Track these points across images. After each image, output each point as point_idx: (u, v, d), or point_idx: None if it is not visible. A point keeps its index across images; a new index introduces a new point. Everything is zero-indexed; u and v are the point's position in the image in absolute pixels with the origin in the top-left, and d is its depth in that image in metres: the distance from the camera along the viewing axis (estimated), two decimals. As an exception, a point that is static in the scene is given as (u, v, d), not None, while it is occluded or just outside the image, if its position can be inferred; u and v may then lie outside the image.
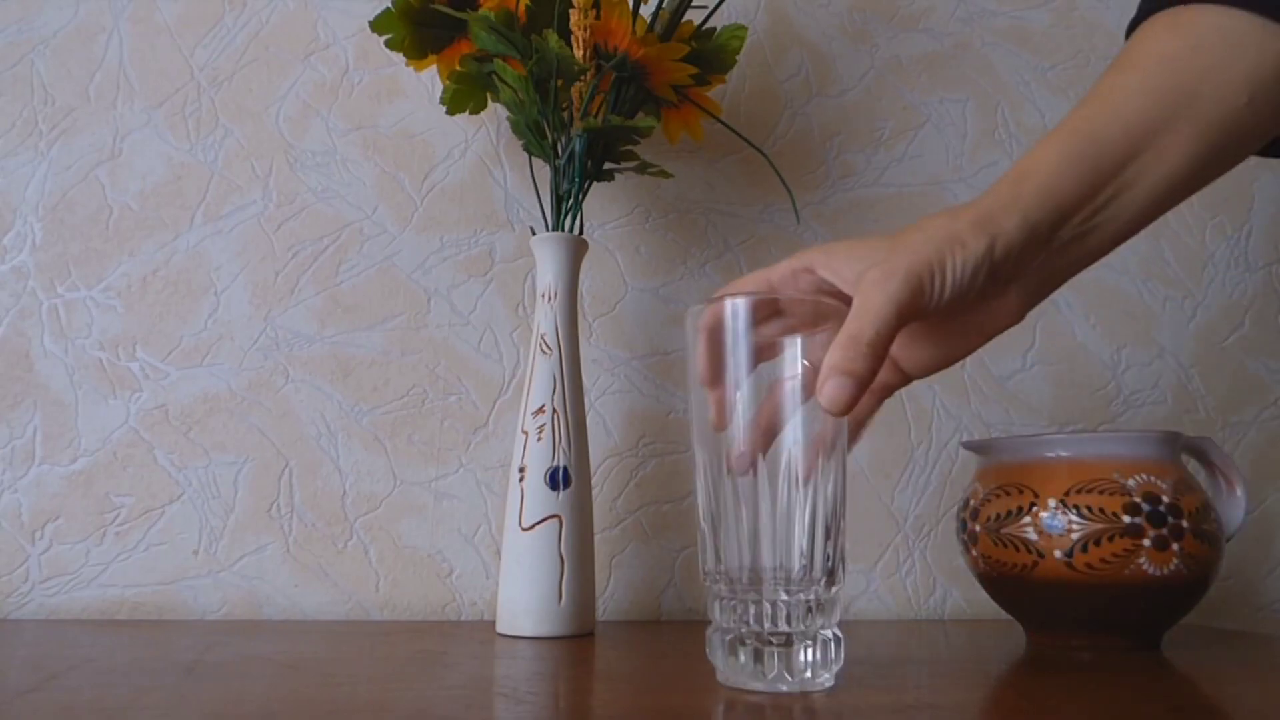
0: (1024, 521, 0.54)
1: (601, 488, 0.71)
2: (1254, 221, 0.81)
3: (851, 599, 0.72)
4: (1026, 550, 0.53)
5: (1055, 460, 0.55)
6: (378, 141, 0.73)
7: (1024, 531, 0.54)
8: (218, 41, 0.73)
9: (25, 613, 0.65)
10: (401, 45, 0.63)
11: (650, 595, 0.70)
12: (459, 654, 0.51)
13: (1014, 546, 0.54)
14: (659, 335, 0.73)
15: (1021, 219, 0.41)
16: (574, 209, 0.62)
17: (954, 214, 0.42)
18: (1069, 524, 0.52)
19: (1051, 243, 0.43)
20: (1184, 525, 0.52)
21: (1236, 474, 0.57)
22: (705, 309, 0.41)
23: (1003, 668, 0.50)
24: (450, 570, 0.69)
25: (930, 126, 0.79)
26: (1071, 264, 0.45)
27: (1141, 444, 0.55)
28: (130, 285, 0.70)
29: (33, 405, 0.68)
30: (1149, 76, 0.44)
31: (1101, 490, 0.52)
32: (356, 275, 0.71)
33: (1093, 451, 0.54)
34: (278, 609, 0.67)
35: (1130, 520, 0.51)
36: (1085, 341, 0.78)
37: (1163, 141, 0.43)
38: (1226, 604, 0.75)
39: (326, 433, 0.69)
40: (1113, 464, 0.53)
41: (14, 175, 0.70)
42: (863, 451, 0.74)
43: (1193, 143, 0.43)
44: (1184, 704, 0.41)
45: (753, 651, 0.39)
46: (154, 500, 0.67)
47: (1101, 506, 0.52)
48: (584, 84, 0.61)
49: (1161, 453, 0.55)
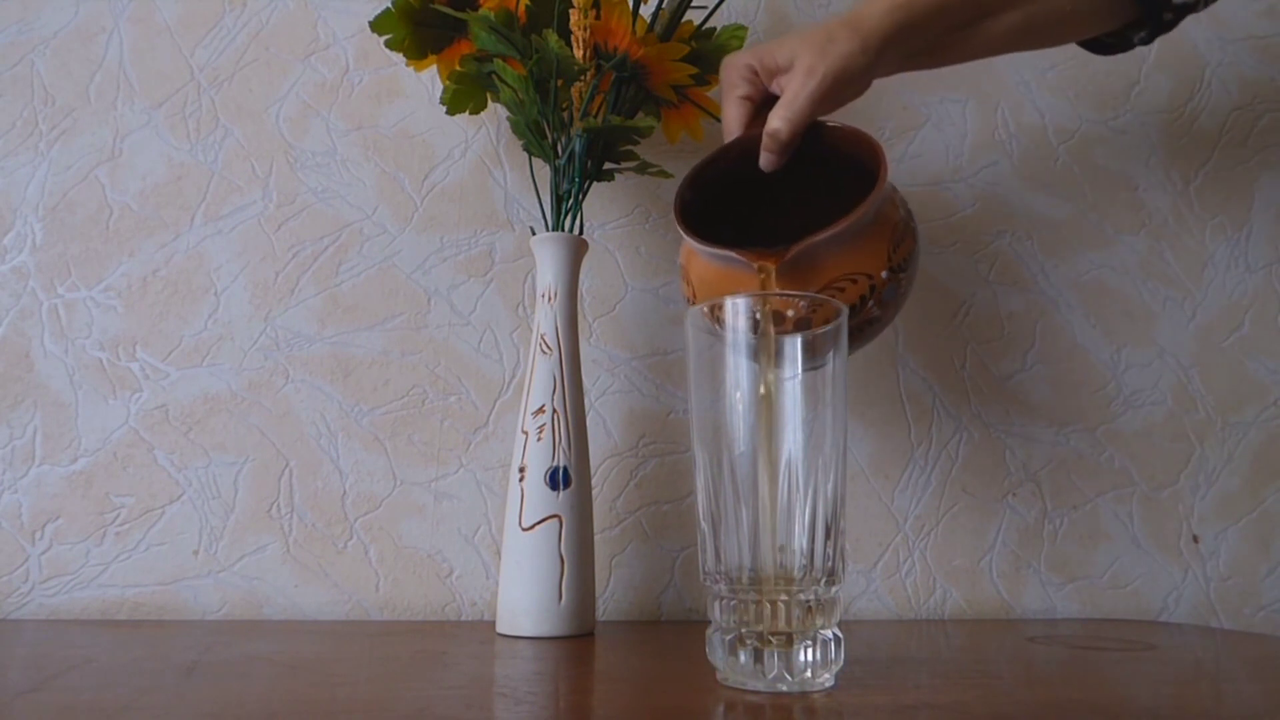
0: None
1: (601, 488, 0.71)
2: (1254, 222, 0.81)
3: (851, 599, 0.72)
4: None
5: None
6: (378, 141, 0.73)
7: None
8: (218, 41, 0.74)
9: (25, 613, 0.65)
10: (401, 45, 0.63)
11: (650, 595, 0.70)
12: (459, 654, 0.51)
13: None
14: (659, 335, 0.73)
15: (883, 40, 0.52)
16: (574, 209, 0.62)
17: (844, 21, 0.53)
18: None
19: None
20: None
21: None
22: (705, 309, 0.41)
23: (1003, 668, 0.50)
24: (450, 570, 0.69)
25: (930, 126, 0.79)
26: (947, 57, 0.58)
27: None
28: (130, 285, 0.70)
29: (33, 405, 0.68)
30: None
31: None
32: (356, 275, 0.71)
33: None
34: (278, 609, 0.67)
35: None
36: (1085, 341, 0.78)
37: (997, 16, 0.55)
38: (1226, 604, 0.75)
39: (326, 433, 0.69)
40: None
41: (14, 175, 0.70)
42: (863, 451, 0.74)
43: (1022, 19, 0.55)
44: (1184, 704, 0.41)
45: (753, 651, 0.39)
46: (154, 500, 0.67)
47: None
48: (584, 84, 0.61)
49: None
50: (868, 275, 0.49)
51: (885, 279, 0.50)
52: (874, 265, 0.50)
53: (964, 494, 0.74)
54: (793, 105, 0.51)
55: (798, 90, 0.51)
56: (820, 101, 0.51)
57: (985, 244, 0.78)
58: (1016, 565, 0.74)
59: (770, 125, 0.52)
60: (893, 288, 0.51)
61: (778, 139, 0.52)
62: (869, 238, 0.49)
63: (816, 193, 0.55)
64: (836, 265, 0.49)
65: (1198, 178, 0.81)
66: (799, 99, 0.51)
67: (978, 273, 0.78)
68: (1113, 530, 0.75)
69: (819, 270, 0.49)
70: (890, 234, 0.50)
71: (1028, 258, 0.78)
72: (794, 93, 0.51)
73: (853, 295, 0.49)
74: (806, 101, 0.51)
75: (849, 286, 0.49)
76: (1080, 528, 0.75)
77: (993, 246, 0.78)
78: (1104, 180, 0.80)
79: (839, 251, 0.49)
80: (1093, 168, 0.80)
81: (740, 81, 0.55)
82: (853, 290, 0.49)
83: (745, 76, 0.55)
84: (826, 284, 0.49)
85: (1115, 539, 0.75)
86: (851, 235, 0.48)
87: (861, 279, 0.49)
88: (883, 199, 0.50)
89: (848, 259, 0.49)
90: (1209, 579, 0.76)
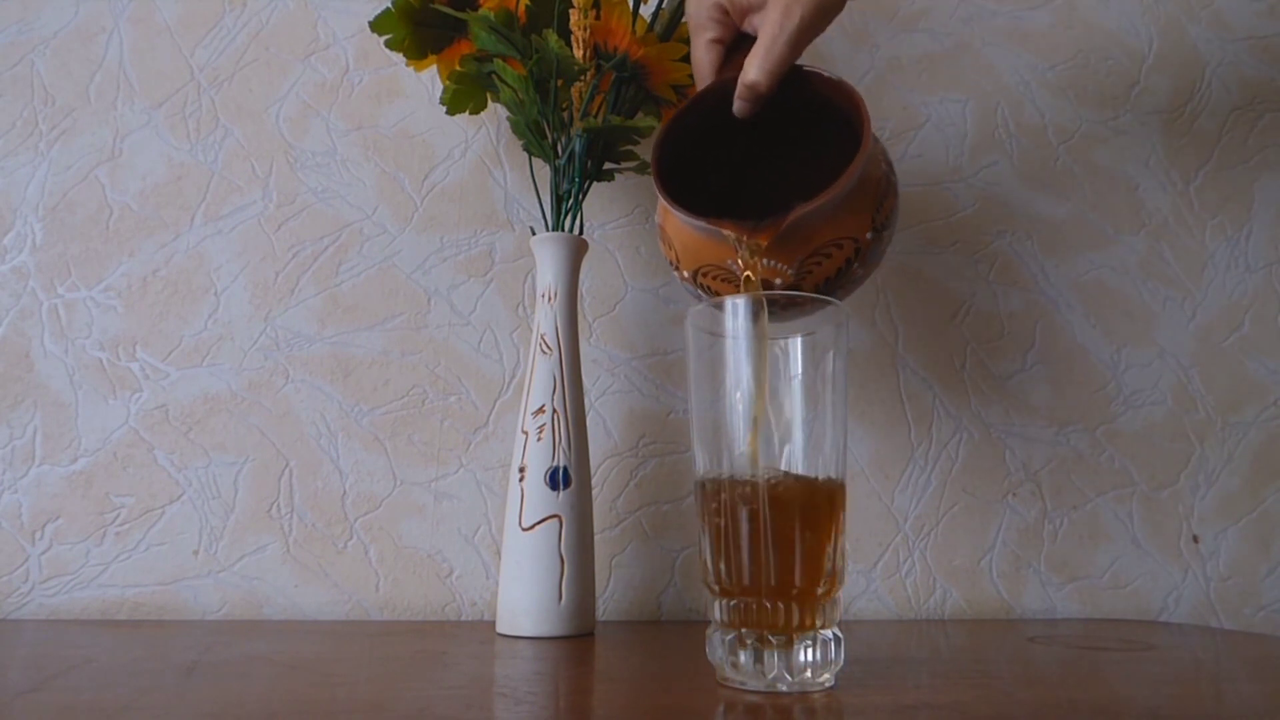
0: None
1: (601, 488, 0.71)
2: (1254, 222, 0.81)
3: (851, 599, 0.72)
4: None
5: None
6: (378, 141, 0.73)
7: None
8: (218, 41, 0.74)
9: (25, 613, 0.65)
10: (401, 45, 0.63)
11: (650, 595, 0.70)
12: (459, 654, 0.51)
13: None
14: (659, 335, 0.73)
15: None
16: (574, 209, 0.62)
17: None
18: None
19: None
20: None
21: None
22: (705, 309, 0.41)
23: (1003, 668, 0.50)
24: (450, 570, 0.69)
25: (930, 126, 0.79)
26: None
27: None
28: (130, 285, 0.70)
29: (33, 405, 0.68)
30: None
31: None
32: (356, 275, 0.71)
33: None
34: (278, 609, 0.67)
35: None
36: (1085, 341, 0.78)
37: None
38: (1226, 604, 0.75)
39: (326, 433, 0.69)
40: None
41: (14, 175, 0.70)
42: (863, 451, 0.74)
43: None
44: (1184, 704, 0.41)
45: (753, 651, 0.39)
46: (154, 500, 0.67)
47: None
48: (584, 84, 0.61)
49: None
50: (853, 239, 0.48)
51: (870, 240, 0.49)
52: (859, 228, 0.48)
53: (964, 494, 0.74)
54: (770, 54, 0.48)
55: (775, 34, 0.47)
56: (800, 45, 0.48)
57: (985, 244, 0.78)
58: (1016, 565, 0.74)
59: (747, 77, 0.48)
60: (876, 247, 0.49)
61: (756, 91, 0.49)
62: (854, 201, 0.48)
63: (794, 134, 0.54)
64: (822, 233, 0.48)
65: (1198, 178, 0.81)
66: (777, 45, 0.47)
67: (978, 273, 0.78)
68: (1113, 530, 0.75)
69: (806, 239, 0.48)
70: (874, 194, 0.49)
71: (1028, 258, 0.78)
72: (771, 38, 0.47)
73: (838, 260, 0.48)
74: (785, 47, 0.47)
75: (835, 252, 0.48)
76: (1080, 528, 0.75)
77: (993, 246, 0.78)
78: (1104, 180, 0.80)
79: (825, 219, 0.47)
80: (1093, 168, 0.80)
81: (709, 23, 0.51)
82: (839, 255, 0.48)
83: (714, 17, 0.51)
84: (814, 250, 0.48)
85: (1115, 539, 0.75)
86: (837, 202, 0.47)
87: (847, 243, 0.48)
88: (867, 159, 0.48)
89: (834, 225, 0.48)
90: (1209, 579, 0.76)
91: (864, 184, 0.48)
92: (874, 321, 0.76)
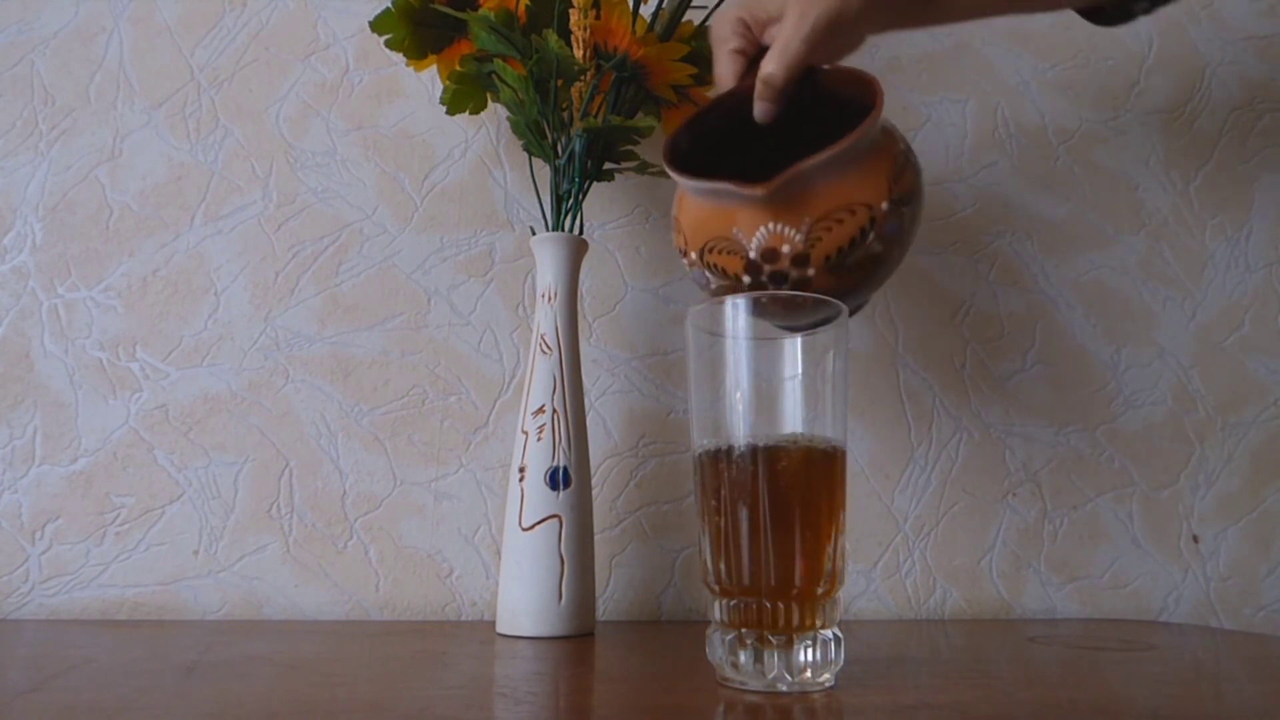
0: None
1: (601, 488, 0.71)
2: (1254, 222, 0.81)
3: (851, 599, 0.72)
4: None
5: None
6: (378, 141, 0.73)
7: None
8: (218, 41, 0.74)
9: (25, 613, 0.65)
10: (401, 45, 0.63)
11: (650, 595, 0.70)
12: (459, 654, 0.51)
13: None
14: (659, 335, 0.73)
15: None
16: (574, 209, 0.62)
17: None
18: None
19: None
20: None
21: None
22: (706, 309, 0.41)
23: (1003, 668, 0.50)
24: (450, 570, 0.69)
25: (930, 126, 0.79)
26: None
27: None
28: (130, 285, 0.70)
29: (33, 405, 0.68)
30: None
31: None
32: (356, 275, 0.71)
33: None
34: (278, 609, 0.67)
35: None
36: (1085, 341, 0.78)
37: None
38: (1226, 604, 0.75)
39: (326, 433, 0.69)
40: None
41: (14, 175, 0.70)
42: (863, 451, 0.74)
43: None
44: (1184, 704, 0.41)
45: (753, 651, 0.39)
46: (154, 500, 0.67)
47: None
48: (584, 84, 0.61)
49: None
50: (867, 205, 0.47)
51: (886, 211, 0.48)
52: (873, 195, 0.48)
53: (964, 494, 0.74)
54: (786, 50, 0.50)
55: (791, 34, 0.50)
56: (814, 45, 0.50)
57: (985, 244, 0.78)
58: (1016, 565, 0.74)
59: (764, 71, 0.50)
60: (895, 222, 0.49)
61: (772, 84, 0.50)
62: (867, 165, 0.48)
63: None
64: (832, 195, 0.47)
65: (1198, 178, 0.81)
66: (792, 42, 0.50)
67: (978, 273, 0.78)
68: (1113, 530, 0.75)
69: (814, 199, 0.47)
70: (890, 164, 0.49)
71: (1028, 258, 0.78)
72: (787, 37, 0.50)
73: (852, 227, 0.47)
74: (800, 44, 0.50)
75: (848, 218, 0.47)
76: (1080, 528, 0.75)
77: (993, 246, 0.78)
78: (1104, 180, 0.80)
79: (835, 179, 0.47)
80: (1093, 168, 0.80)
81: (731, 35, 0.54)
82: (851, 222, 0.47)
83: (736, 30, 0.53)
84: (824, 214, 0.47)
85: (1115, 539, 0.75)
86: (847, 162, 0.47)
87: (861, 209, 0.47)
88: (880, 130, 0.48)
89: (845, 188, 0.47)
90: (1209, 579, 0.76)
91: (877, 150, 0.48)
92: (874, 321, 0.76)
